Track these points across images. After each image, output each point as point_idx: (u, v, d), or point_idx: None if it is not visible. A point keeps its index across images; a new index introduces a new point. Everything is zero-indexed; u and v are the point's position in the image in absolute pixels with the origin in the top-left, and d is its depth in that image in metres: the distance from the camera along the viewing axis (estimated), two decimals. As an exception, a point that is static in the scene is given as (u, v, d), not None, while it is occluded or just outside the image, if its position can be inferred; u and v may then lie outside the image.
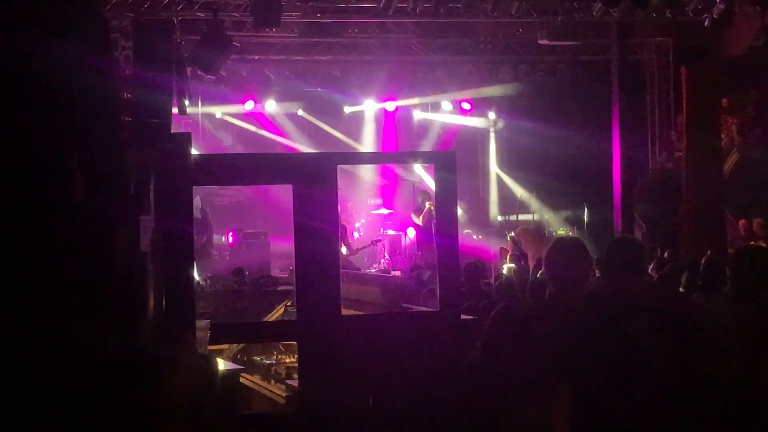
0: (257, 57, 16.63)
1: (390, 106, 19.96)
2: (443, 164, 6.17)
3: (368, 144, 20.36)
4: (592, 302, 4.55)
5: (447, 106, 20.18)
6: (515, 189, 19.95)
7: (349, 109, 20.19)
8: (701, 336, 4.33)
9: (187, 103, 13.11)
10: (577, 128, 17.05)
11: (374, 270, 15.51)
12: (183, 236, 5.17)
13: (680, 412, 3.73)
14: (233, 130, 19.84)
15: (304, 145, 19.57)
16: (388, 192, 19.72)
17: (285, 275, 13.53)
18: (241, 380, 6.38)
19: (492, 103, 20.14)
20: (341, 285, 5.89)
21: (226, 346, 7.01)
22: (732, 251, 5.33)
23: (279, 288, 10.36)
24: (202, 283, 12.28)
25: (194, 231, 5.49)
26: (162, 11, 13.56)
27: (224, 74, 16.23)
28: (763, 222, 14.21)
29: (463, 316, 6.21)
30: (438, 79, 18.72)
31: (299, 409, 5.92)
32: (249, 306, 9.25)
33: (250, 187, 17.26)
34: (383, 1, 13.66)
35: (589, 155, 16.68)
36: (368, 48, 16.84)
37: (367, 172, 19.56)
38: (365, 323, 6.19)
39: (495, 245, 17.11)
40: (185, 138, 5.34)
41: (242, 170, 6.25)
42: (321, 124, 20.10)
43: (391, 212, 18.35)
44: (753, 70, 16.09)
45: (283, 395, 6.52)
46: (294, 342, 6.37)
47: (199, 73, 14.23)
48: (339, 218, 6.75)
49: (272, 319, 7.74)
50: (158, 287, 4.28)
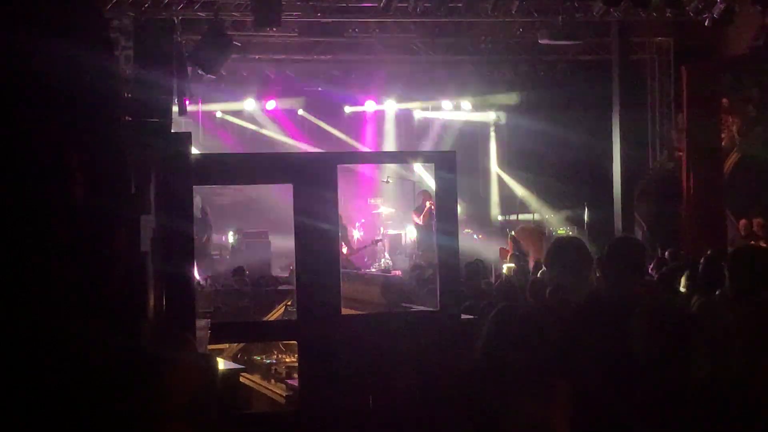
0: (258, 56, 16.63)
1: (390, 106, 19.96)
2: (443, 164, 6.17)
3: (368, 143, 20.35)
4: (593, 302, 4.55)
5: (447, 106, 20.16)
6: (515, 189, 19.93)
7: (350, 109, 20.17)
8: (697, 336, 4.33)
9: (188, 103, 13.14)
10: (578, 128, 17.04)
11: (374, 269, 15.51)
12: (183, 236, 5.17)
13: (680, 412, 3.72)
14: (234, 130, 19.82)
15: (310, 145, 19.56)
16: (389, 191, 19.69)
17: (285, 275, 13.53)
18: (241, 380, 6.38)
19: (492, 104, 20.15)
20: (341, 284, 5.89)
21: (226, 346, 7.01)
22: (731, 251, 5.32)
23: (279, 287, 10.36)
24: (203, 283, 12.28)
25: (194, 230, 5.49)
26: (163, 11, 13.55)
27: (225, 74, 16.23)
28: (764, 222, 14.20)
29: (464, 316, 6.21)
30: (438, 79, 18.71)
31: (299, 409, 5.92)
32: (249, 305, 9.26)
33: (251, 187, 17.23)
34: (384, 1, 13.66)
35: (590, 155, 16.67)
36: (369, 47, 16.84)
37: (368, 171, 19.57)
38: (365, 323, 6.19)
39: (495, 245, 17.09)
40: (186, 137, 5.34)
41: (243, 170, 6.25)
42: (321, 124, 20.08)
43: (392, 211, 18.35)
44: (753, 70, 16.10)
45: (283, 395, 6.52)
46: (294, 341, 6.37)
47: (200, 73, 14.24)
48: (339, 218, 6.74)
49: (272, 319, 7.74)
50: (158, 287, 4.29)
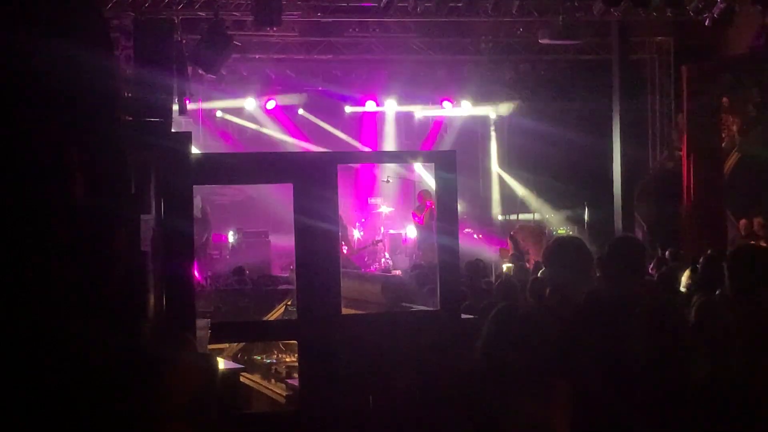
0: (258, 56, 16.63)
1: (390, 106, 19.96)
2: (444, 163, 6.17)
3: (368, 143, 20.34)
4: (593, 302, 4.55)
5: (447, 105, 20.16)
6: (516, 188, 19.93)
7: (350, 109, 20.17)
8: (697, 335, 4.33)
9: (188, 102, 13.15)
10: (578, 127, 17.04)
11: (375, 269, 15.52)
12: (183, 235, 5.17)
13: (680, 412, 3.73)
14: (234, 129, 19.82)
15: (310, 144, 19.55)
16: (389, 191, 19.70)
17: (285, 274, 13.53)
18: (242, 379, 6.38)
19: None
20: (341, 284, 5.89)
21: (227, 346, 7.01)
22: (731, 251, 5.31)
23: (279, 287, 10.36)
24: (203, 283, 12.28)
25: (194, 230, 5.49)
26: (163, 10, 13.56)
27: (225, 73, 16.23)
28: (764, 221, 14.20)
29: (464, 316, 6.21)
30: (439, 79, 18.71)
31: (299, 409, 5.92)
32: (249, 305, 9.26)
33: (251, 186, 17.24)
34: (384, 1, 13.66)
35: (590, 154, 16.66)
36: (369, 47, 16.84)
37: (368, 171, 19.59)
38: (365, 322, 6.19)
39: (496, 245, 17.09)
40: (186, 137, 5.34)
41: (243, 169, 6.25)
42: (321, 123, 20.07)
43: (392, 211, 18.35)
44: (753, 70, 16.09)
45: (284, 394, 6.52)
46: (294, 341, 6.37)
47: (200, 72, 14.24)
48: (339, 217, 6.74)
49: (272, 319, 7.74)
50: (158, 287, 4.29)
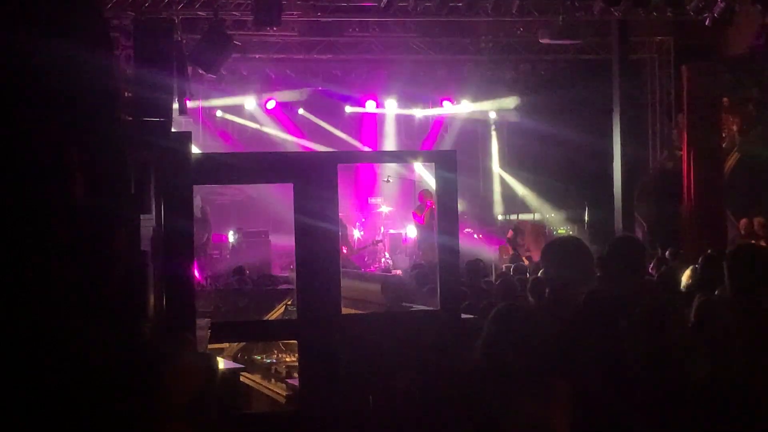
0: (258, 56, 16.62)
1: (390, 106, 19.97)
2: (444, 163, 6.17)
3: (369, 142, 20.35)
4: (593, 302, 4.55)
5: (448, 105, 20.17)
6: (516, 188, 19.94)
7: (351, 110, 20.18)
8: (696, 335, 4.33)
9: (188, 102, 13.15)
10: (578, 127, 17.03)
11: (375, 269, 15.52)
12: (183, 235, 5.17)
13: (680, 412, 3.72)
14: (234, 129, 19.82)
15: (311, 142, 19.57)
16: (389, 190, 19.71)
17: (286, 274, 13.53)
18: (242, 379, 6.38)
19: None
20: (341, 284, 5.89)
21: (227, 345, 7.01)
22: (731, 250, 5.30)
23: (279, 287, 10.35)
24: (203, 282, 12.28)
25: (194, 230, 5.49)
26: (163, 10, 13.55)
27: (225, 73, 16.22)
28: (764, 221, 14.19)
29: (464, 315, 6.21)
30: (439, 78, 18.70)
31: (299, 409, 5.92)
32: (249, 305, 9.25)
33: (251, 186, 17.25)
34: (384, 0, 13.65)
35: (590, 154, 16.66)
36: (369, 47, 16.83)
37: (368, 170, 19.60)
38: (365, 322, 6.18)
39: (496, 244, 17.10)
40: (186, 137, 5.34)
41: (243, 169, 6.25)
42: (322, 123, 20.08)
43: (392, 210, 18.35)
44: (754, 69, 16.09)
45: (284, 394, 6.51)
46: (294, 341, 6.37)
47: (200, 72, 14.24)
48: (339, 217, 6.74)
49: (273, 318, 7.74)
50: (158, 286, 4.29)
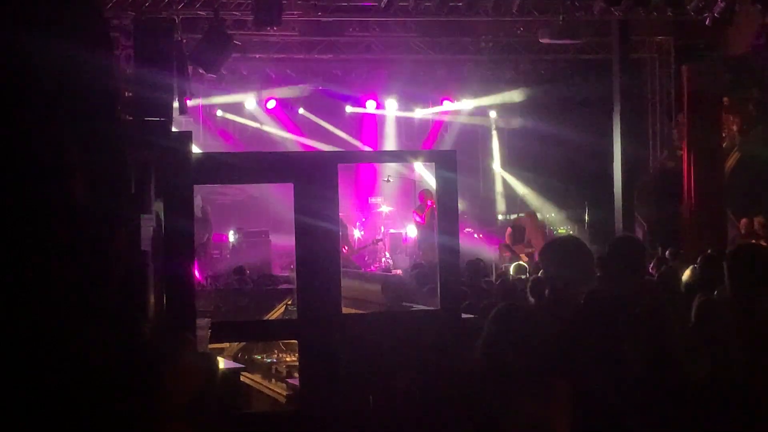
0: (258, 55, 16.63)
1: (390, 106, 19.97)
2: (444, 163, 6.17)
3: (369, 142, 20.35)
4: (593, 302, 4.55)
5: (448, 105, 20.17)
6: (516, 187, 19.94)
7: (351, 109, 20.18)
8: (696, 336, 4.33)
9: (188, 102, 13.14)
10: (578, 127, 17.03)
11: (375, 268, 15.52)
12: (184, 235, 5.17)
13: (680, 412, 3.72)
14: (234, 129, 19.83)
15: (312, 141, 19.57)
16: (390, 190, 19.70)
17: (286, 274, 13.54)
18: (242, 379, 6.38)
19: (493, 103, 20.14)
20: (342, 283, 5.89)
21: (227, 345, 7.01)
22: (731, 250, 5.30)
23: (280, 287, 10.35)
24: (203, 282, 12.28)
25: (194, 230, 5.49)
26: (163, 10, 13.56)
27: (225, 73, 16.22)
28: (764, 221, 14.20)
29: (464, 315, 6.21)
30: (439, 78, 18.71)
31: (300, 408, 5.92)
32: (250, 305, 9.24)
33: (252, 186, 17.25)
34: (384, 0, 13.65)
35: (590, 154, 16.67)
36: (369, 47, 16.83)
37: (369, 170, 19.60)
38: (366, 322, 6.18)
39: (496, 244, 17.09)
40: (186, 136, 5.34)
41: (243, 169, 6.24)
42: (322, 123, 20.08)
43: (392, 210, 18.35)
44: (754, 69, 16.09)
45: (284, 394, 6.51)
46: (295, 341, 6.37)
47: (200, 72, 14.24)
48: (340, 217, 6.74)
49: (273, 318, 7.74)
50: (158, 286, 4.29)
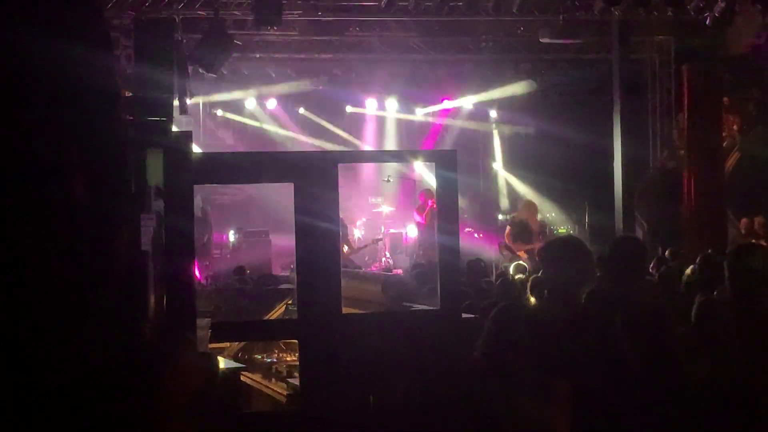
0: (258, 55, 16.63)
1: (391, 105, 19.98)
2: (444, 163, 6.17)
3: (369, 142, 20.36)
4: (593, 301, 4.55)
5: (448, 104, 20.19)
6: (517, 187, 19.94)
7: (351, 109, 20.18)
8: (695, 335, 4.33)
9: (189, 101, 13.15)
10: (578, 127, 17.03)
11: (375, 268, 15.52)
12: (184, 235, 5.17)
13: (680, 412, 3.73)
14: (234, 128, 19.83)
15: (311, 139, 19.58)
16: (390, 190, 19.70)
17: (286, 274, 13.54)
18: (242, 379, 6.38)
19: (493, 102, 20.13)
20: (342, 283, 5.89)
21: (227, 345, 7.01)
22: (731, 250, 5.31)
23: (280, 286, 10.35)
24: (203, 282, 12.29)
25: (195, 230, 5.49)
26: (163, 9, 13.57)
27: (225, 72, 16.23)
28: (765, 221, 14.19)
29: (464, 315, 6.21)
30: (439, 78, 18.71)
31: (300, 408, 5.92)
32: (250, 304, 9.25)
33: (252, 186, 17.26)
34: (384, 0, 13.65)
35: (590, 154, 16.67)
36: (369, 46, 16.83)
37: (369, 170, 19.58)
38: (366, 322, 6.19)
39: (496, 244, 17.08)
40: (186, 136, 5.34)
41: (243, 169, 6.25)
42: (322, 122, 20.09)
43: (393, 210, 18.35)
44: (754, 69, 16.09)
45: (284, 394, 6.51)
46: (295, 340, 6.37)
47: (201, 72, 14.24)
48: (340, 217, 6.74)
49: (273, 318, 7.74)
50: (159, 286, 4.29)
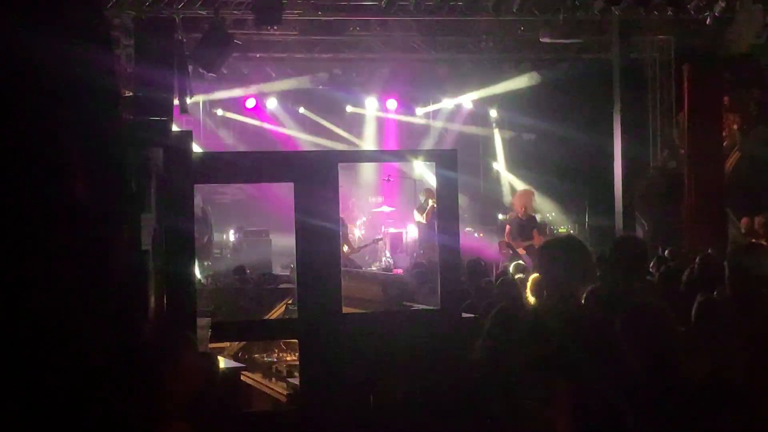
0: (259, 55, 16.61)
1: (391, 105, 19.98)
2: (444, 162, 6.17)
3: (370, 141, 20.35)
4: (593, 301, 4.55)
5: (449, 104, 20.18)
6: (517, 187, 19.92)
7: (351, 109, 20.18)
8: (695, 335, 4.33)
9: (189, 101, 13.14)
10: (579, 126, 17.02)
11: (375, 268, 15.51)
12: (184, 235, 5.17)
13: (680, 412, 3.72)
14: (235, 128, 19.83)
15: (312, 138, 19.59)
16: (390, 189, 19.69)
17: (286, 273, 13.53)
18: (242, 378, 6.39)
19: (493, 101, 20.12)
20: (342, 283, 5.89)
21: (227, 344, 7.01)
22: (731, 249, 5.31)
23: (280, 286, 10.36)
24: (204, 281, 12.28)
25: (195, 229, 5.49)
26: (163, 9, 13.55)
27: (226, 72, 16.22)
28: (765, 220, 14.18)
29: (464, 315, 6.21)
30: (440, 77, 18.70)
31: (300, 407, 5.93)
32: (250, 304, 9.25)
33: (252, 185, 17.26)
34: (384, -1, 13.64)
35: (591, 154, 16.65)
36: (370, 46, 16.82)
37: (369, 169, 19.58)
38: (366, 321, 6.19)
39: (496, 243, 17.07)
40: (186, 136, 5.35)
41: (244, 168, 6.25)
42: (323, 122, 20.08)
43: (393, 210, 18.33)
44: (754, 68, 16.08)
45: (284, 393, 6.52)
46: (295, 340, 6.37)
47: (201, 71, 14.23)
48: (340, 216, 6.74)
49: (273, 317, 7.74)
50: (159, 286, 4.29)
